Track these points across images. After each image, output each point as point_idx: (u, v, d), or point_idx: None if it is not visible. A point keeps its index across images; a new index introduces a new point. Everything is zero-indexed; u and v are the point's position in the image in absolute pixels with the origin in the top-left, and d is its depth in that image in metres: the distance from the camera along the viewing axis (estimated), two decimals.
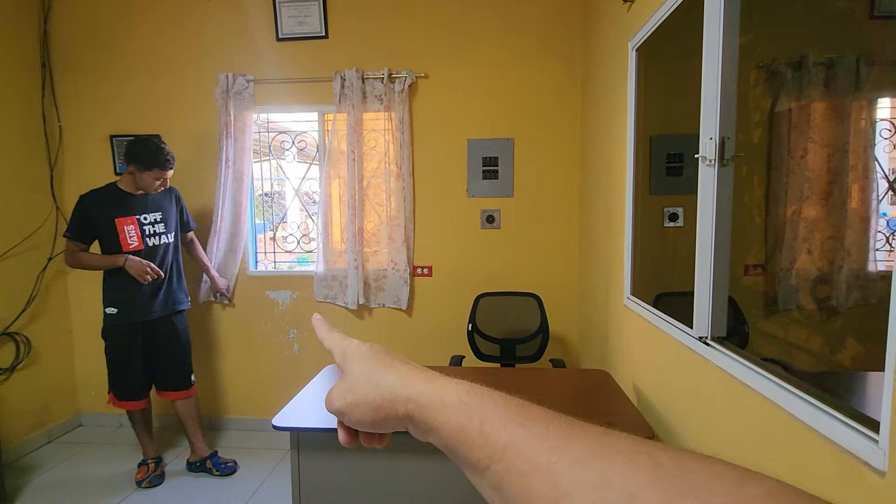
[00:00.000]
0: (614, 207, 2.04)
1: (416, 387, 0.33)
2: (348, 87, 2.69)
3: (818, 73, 1.55)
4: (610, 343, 2.12)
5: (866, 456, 0.68)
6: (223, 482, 2.43)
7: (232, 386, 2.99)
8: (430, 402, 0.32)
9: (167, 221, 2.38)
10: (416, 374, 0.35)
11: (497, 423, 0.28)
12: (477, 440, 0.28)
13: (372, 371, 0.36)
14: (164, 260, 2.37)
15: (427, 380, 0.33)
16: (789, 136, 1.58)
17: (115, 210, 2.26)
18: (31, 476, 2.49)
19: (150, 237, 2.33)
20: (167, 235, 2.38)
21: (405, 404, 0.33)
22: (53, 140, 2.91)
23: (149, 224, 2.33)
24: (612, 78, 2.06)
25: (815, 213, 1.54)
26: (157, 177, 2.26)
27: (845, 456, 0.73)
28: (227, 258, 2.84)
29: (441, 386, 0.32)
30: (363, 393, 0.35)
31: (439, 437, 0.31)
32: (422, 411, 0.32)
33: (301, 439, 1.51)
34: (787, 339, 1.50)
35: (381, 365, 0.36)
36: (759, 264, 1.61)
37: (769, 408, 0.94)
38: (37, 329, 2.79)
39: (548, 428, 0.26)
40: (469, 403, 0.30)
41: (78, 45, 2.88)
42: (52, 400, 2.90)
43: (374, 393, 0.35)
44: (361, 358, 0.37)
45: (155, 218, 2.34)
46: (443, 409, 0.31)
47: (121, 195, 2.29)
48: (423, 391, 0.33)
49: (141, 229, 2.30)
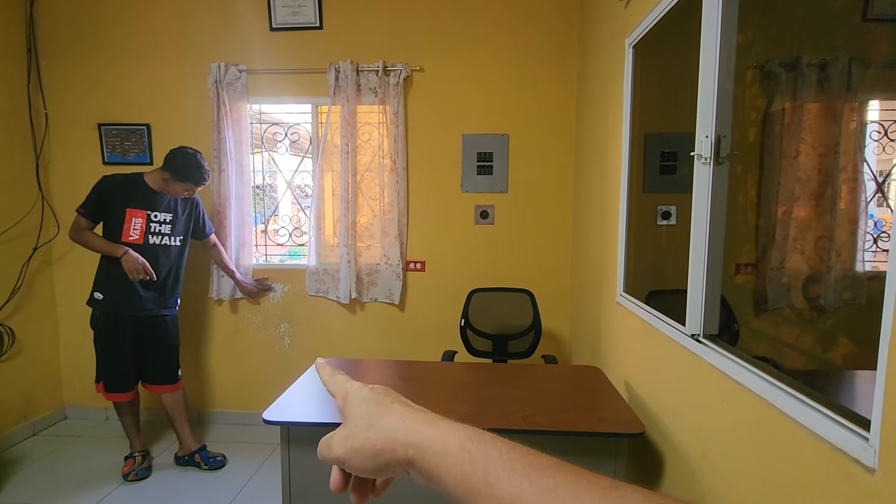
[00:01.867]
0: (608, 205, 2.04)
1: (417, 431, 0.32)
2: (343, 79, 2.67)
3: (811, 74, 1.56)
4: (602, 339, 2.13)
5: (856, 453, 0.69)
6: (212, 476, 2.41)
7: (222, 380, 2.97)
8: (432, 449, 0.31)
9: (175, 224, 2.38)
10: (417, 417, 0.34)
11: (502, 474, 0.27)
12: (483, 491, 0.28)
13: (371, 415, 0.35)
14: (162, 261, 2.35)
15: (428, 424, 0.33)
16: (782, 137, 1.59)
17: (130, 200, 2.26)
18: (16, 469, 2.45)
19: (154, 235, 2.32)
20: (172, 238, 2.37)
21: (405, 449, 0.32)
22: (39, 127, 2.85)
23: (156, 222, 2.32)
24: (609, 75, 2.06)
25: (806, 213, 1.56)
26: (189, 189, 2.33)
27: (835, 453, 0.74)
28: (240, 252, 2.83)
29: (443, 431, 0.31)
30: (363, 438, 0.34)
31: (442, 485, 0.30)
32: (423, 458, 0.31)
33: (291, 433, 1.50)
34: (777, 338, 1.52)
35: (380, 408, 0.35)
36: (750, 263, 1.62)
37: (761, 405, 0.95)
38: (21, 320, 2.74)
39: (554, 480, 0.26)
40: (472, 451, 0.29)
41: (65, 30, 2.82)
42: (37, 392, 2.85)
43: (374, 438, 0.33)
44: (362, 401, 0.36)
45: (165, 218, 2.34)
46: (445, 458, 0.30)
47: (141, 187, 2.29)
48: (424, 436, 0.32)
49: (147, 225, 2.29)
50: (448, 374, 1.83)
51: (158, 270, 2.32)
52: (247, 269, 2.85)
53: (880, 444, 0.65)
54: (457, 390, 1.65)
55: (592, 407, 1.51)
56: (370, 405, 0.35)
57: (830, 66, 1.53)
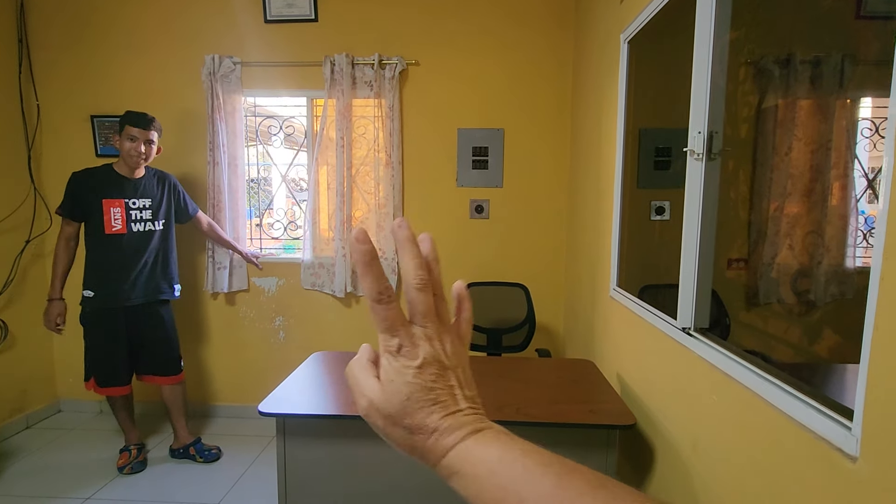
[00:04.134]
0: (602, 199, 2.05)
1: (447, 449, 0.31)
2: (338, 73, 2.65)
3: (804, 71, 1.57)
4: (595, 333, 2.15)
5: (839, 442, 0.71)
6: (207, 469, 2.42)
7: (217, 373, 2.97)
8: (463, 471, 0.30)
9: (156, 209, 2.36)
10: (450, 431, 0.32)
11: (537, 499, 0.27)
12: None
13: (408, 410, 0.32)
14: (147, 247, 2.33)
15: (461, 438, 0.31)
16: (775, 133, 1.60)
17: (104, 191, 2.23)
18: (10, 463, 2.45)
19: (136, 223, 2.30)
20: (155, 223, 2.35)
21: (436, 462, 0.32)
22: (31, 119, 2.82)
23: (136, 209, 2.30)
24: (604, 70, 2.06)
25: (797, 209, 1.58)
26: (132, 136, 2.20)
27: (819, 442, 0.76)
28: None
29: (473, 452, 0.31)
30: (396, 436, 0.33)
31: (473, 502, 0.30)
32: (453, 478, 0.31)
33: (287, 425, 1.51)
34: (767, 332, 1.54)
35: (418, 406, 0.32)
36: (741, 258, 1.64)
37: (749, 397, 0.97)
38: (14, 313, 2.73)
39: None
40: (502, 475, 0.29)
41: (57, 20, 2.79)
42: (31, 385, 2.84)
43: (406, 439, 0.33)
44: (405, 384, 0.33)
45: (144, 204, 2.31)
46: (476, 480, 0.30)
47: (113, 176, 2.27)
48: (454, 458, 0.31)
49: (127, 213, 2.27)
50: None
51: (145, 256, 2.31)
52: (240, 263, 2.85)
53: (862, 433, 0.67)
54: None
55: (585, 399, 1.52)
56: (410, 395, 0.32)
57: (823, 62, 1.55)
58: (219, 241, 2.71)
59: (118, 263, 2.26)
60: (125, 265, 2.27)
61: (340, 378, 1.71)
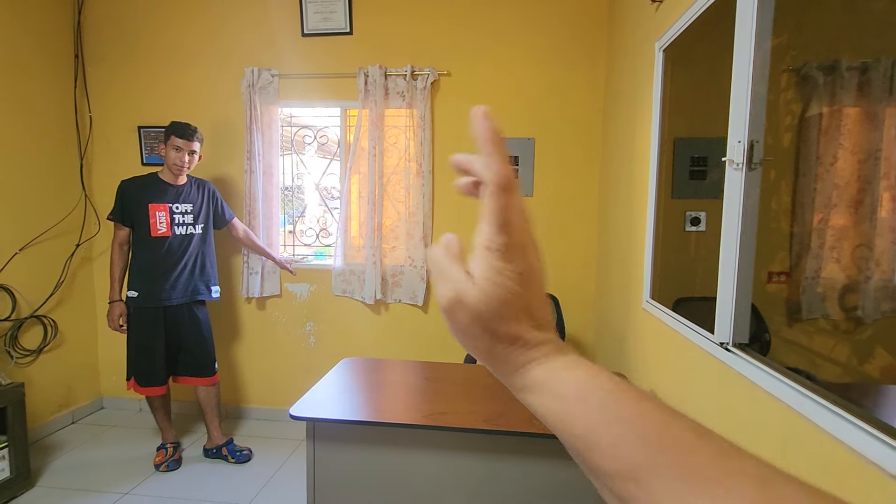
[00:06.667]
0: (635, 210, 2.02)
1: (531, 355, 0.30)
2: (371, 84, 2.71)
3: (851, 78, 1.51)
4: (627, 346, 2.11)
5: (893, 468, 0.67)
6: (238, 469, 2.48)
7: (250, 376, 3.04)
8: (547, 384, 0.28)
9: (197, 214, 2.48)
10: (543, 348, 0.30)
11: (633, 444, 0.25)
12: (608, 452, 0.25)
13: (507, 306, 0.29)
14: (188, 249, 2.44)
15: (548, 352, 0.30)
16: (819, 142, 1.54)
17: (150, 196, 2.38)
18: (56, 456, 2.57)
19: (179, 226, 2.43)
20: (195, 227, 2.47)
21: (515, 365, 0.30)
22: (84, 130, 2.99)
23: (179, 213, 2.43)
24: (638, 79, 2.03)
25: (843, 221, 1.51)
26: (177, 146, 2.36)
27: (869, 467, 0.72)
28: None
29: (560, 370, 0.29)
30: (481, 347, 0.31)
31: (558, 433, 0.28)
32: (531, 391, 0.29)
33: (317, 429, 1.53)
34: (811, 349, 1.47)
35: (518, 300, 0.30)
36: (783, 272, 1.58)
37: (792, 417, 0.92)
38: (63, 313, 2.88)
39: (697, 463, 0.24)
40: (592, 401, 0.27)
41: (109, 36, 2.96)
42: (77, 382, 2.99)
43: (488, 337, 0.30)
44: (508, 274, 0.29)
45: (186, 209, 2.44)
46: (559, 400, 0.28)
47: (158, 183, 2.41)
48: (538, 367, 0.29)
49: (171, 217, 2.40)
50: (471, 375, 1.83)
51: (185, 258, 2.42)
52: (273, 269, 2.93)
53: None
54: (482, 391, 1.65)
55: None
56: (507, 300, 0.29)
57: (871, 68, 1.48)
58: (253, 248, 2.79)
59: (162, 265, 2.37)
60: (168, 267, 2.38)
61: (369, 384, 1.73)
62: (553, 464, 1.39)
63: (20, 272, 2.63)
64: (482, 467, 1.46)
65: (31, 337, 2.71)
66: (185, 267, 2.43)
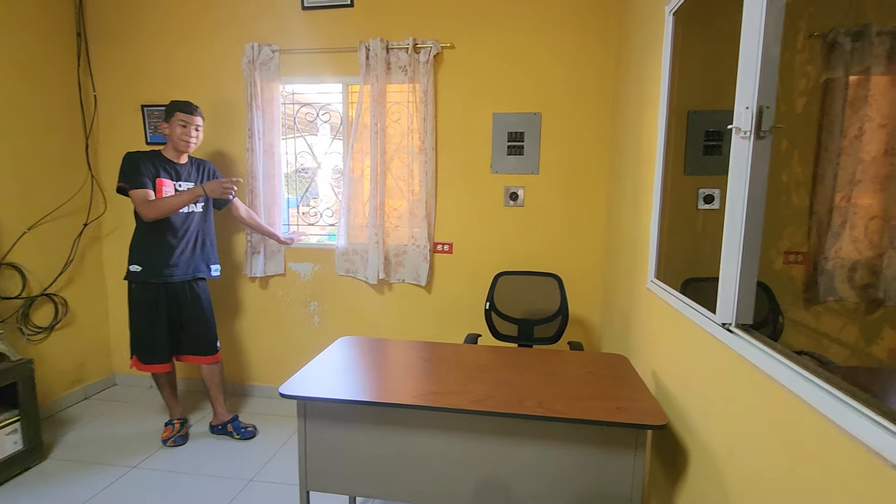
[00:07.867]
0: (642, 186, 1.93)
1: None
2: (373, 58, 2.63)
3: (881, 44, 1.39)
4: (631, 328, 2.04)
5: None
6: (243, 445, 2.51)
7: (255, 354, 3.07)
8: None
9: None
10: None
11: None
12: None
13: None
14: (190, 228, 2.44)
15: None
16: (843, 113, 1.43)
17: (158, 170, 2.37)
18: (68, 430, 2.64)
19: None
20: (196, 205, 2.46)
21: None
22: (89, 109, 2.99)
23: None
24: (646, 47, 1.92)
25: (868, 198, 1.41)
26: (182, 121, 2.36)
27: (872, 457, 0.66)
28: None
29: None
30: None
31: None
32: None
33: (308, 408, 1.52)
34: (826, 332, 1.39)
35: None
36: (799, 251, 1.49)
37: (794, 402, 0.86)
38: (73, 291, 2.92)
39: None
40: None
41: (111, 13, 2.93)
42: (89, 359, 3.05)
43: None
44: None
45: (188, 187, 2.42)
46: None
47: (163, 160, 2.41)
48: None
49: (176, 194, 2.39)
50: (469, 356, 1.80)
51: (187, 236, 2.42)
52: (276, 248, 2.92)
53: None
54: (474, 372, 1.62)
55: (614, 396, 1.44)
56: None
57: None
58: (256, 228, 2.77)
59: (165, 242, 2.37)
60: (171, 243, 2.38)
61: (364, 363, 1.71)
62: (538, 444, 1.35)
63: (29, 251, 2.66)
64: (470, 447, 1.44)
65: (42, 315, 2.76)
66: (186, 245, 2.43)
